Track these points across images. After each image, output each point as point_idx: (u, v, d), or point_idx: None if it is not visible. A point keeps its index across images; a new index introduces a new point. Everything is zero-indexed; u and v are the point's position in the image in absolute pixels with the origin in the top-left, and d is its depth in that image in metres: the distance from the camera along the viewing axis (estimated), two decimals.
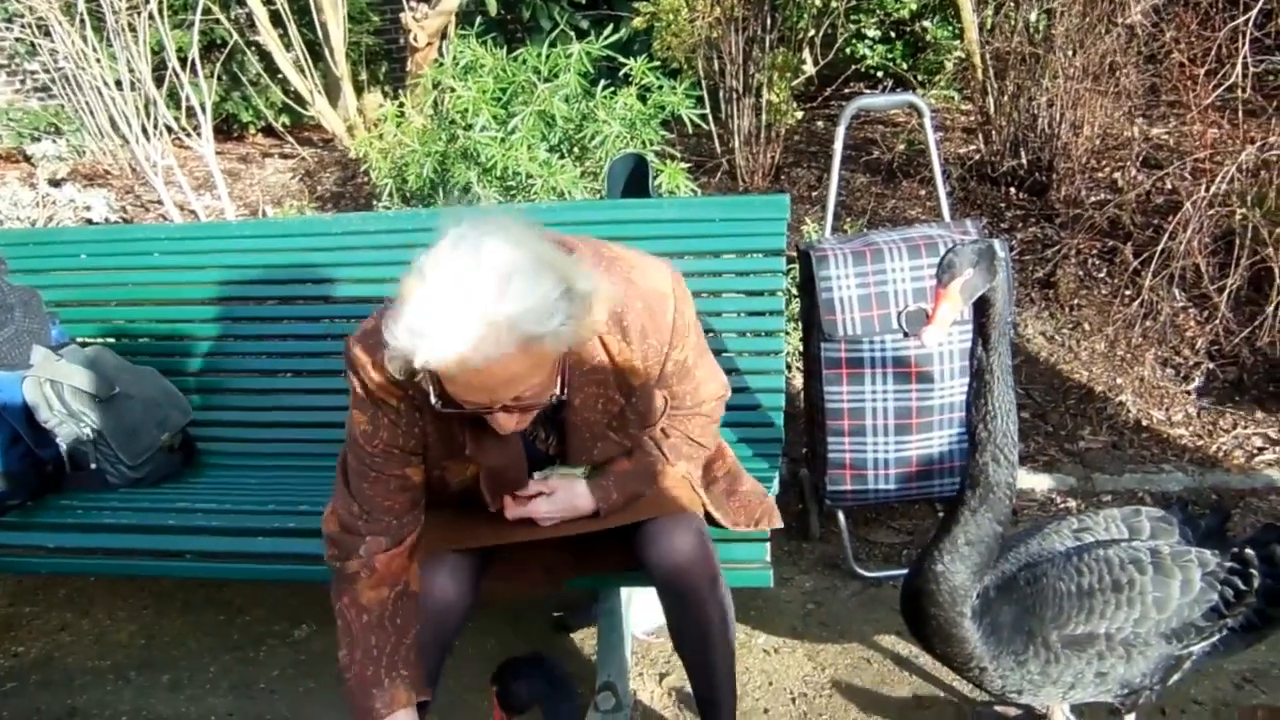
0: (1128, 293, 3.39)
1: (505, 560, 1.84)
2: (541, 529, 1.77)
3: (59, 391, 2.38)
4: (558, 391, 1.58)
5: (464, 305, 1.35)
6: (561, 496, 1.76)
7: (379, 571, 1.65)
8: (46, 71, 5.77)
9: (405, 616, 1.66)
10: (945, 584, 1.73)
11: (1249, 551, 1.75)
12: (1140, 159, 3.77)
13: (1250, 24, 2.94)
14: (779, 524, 1.95)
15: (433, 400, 1.52)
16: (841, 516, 2.59)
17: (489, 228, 1.41)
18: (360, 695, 1.61)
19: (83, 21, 4.61)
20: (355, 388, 1.62)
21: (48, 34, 4.92)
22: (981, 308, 1.64)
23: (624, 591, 2.18)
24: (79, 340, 2.67)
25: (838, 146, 2.67)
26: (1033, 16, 3.89)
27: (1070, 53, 3.67)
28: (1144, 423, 3.09)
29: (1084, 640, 1.72)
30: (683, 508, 1.79)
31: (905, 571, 1.87)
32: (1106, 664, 1.72)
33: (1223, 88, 3.04)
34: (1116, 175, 3.92)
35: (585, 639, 2.45)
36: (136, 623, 2.65)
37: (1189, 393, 3.17)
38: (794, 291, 2.92)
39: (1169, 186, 3.65)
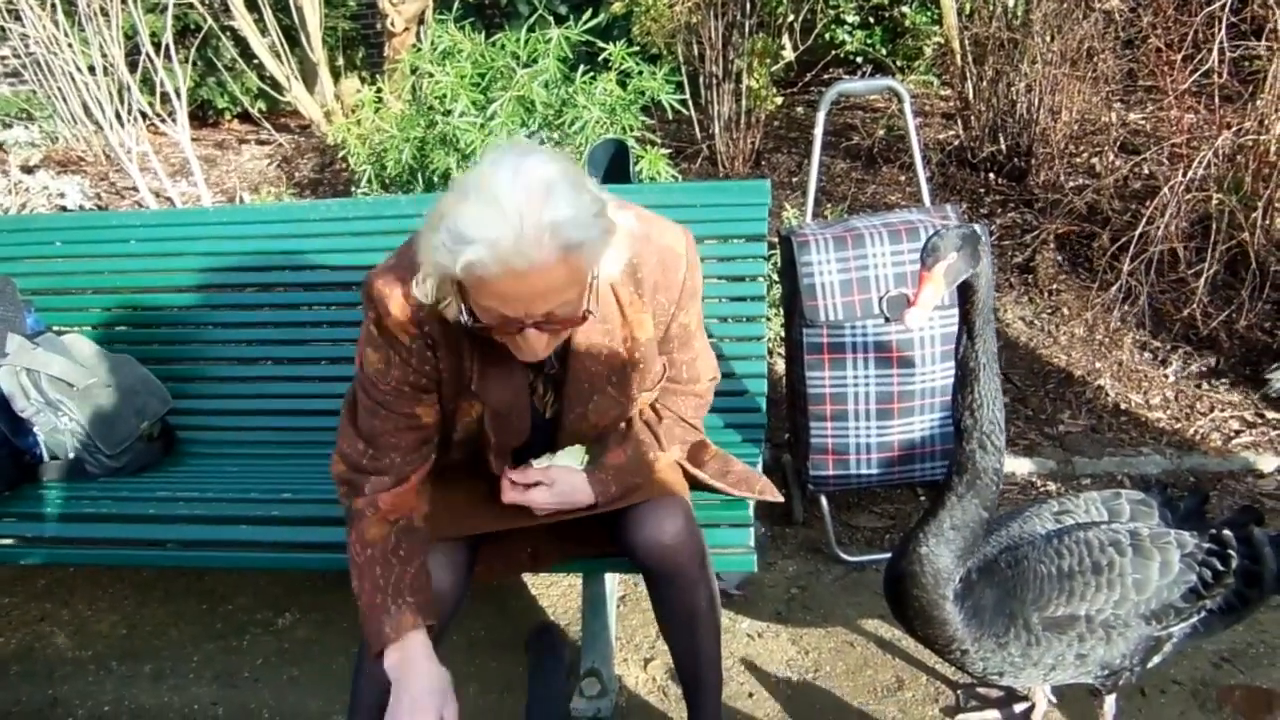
0: (1106, 277, 3.41)
1: (492, 544, 1.84)
2: (534, 517, 1.77)
3: (36, 380, 2.36)
4: (588, 306, 1.55)
5: (510, 211, 1.39)
6: (561, 488, 1.76)
7: (382, 510, 1.67)
8: (18, 57, 5.68)
9: (409, 548, 1.67)
10: (929, 566, 1.74)
11: (1226, 533, 1.77)
12: (1118, 144, 3.80)
13: (1226, 9, 2.96)
14: (779, 497, 1.99)
15: (462, 318, 1.53)
16: (824, 501, 2.61)
17: (526, 150, 1.47)
18: (371, 622, 1.64)
19: (54, 6, 4.54)
20: (370, 325, 1.63)
21: (18, 18, 4.84)
22: (965, 294, 1.64)
23: (608, 578, 2.18)
24: (55, 328, 2.64)
25: (818, 132, 2.67)
26: (1010, 2, 3.90)
27: (1048, 38, 3.68)
28: (1123, 406, 3.12)
29: (1064, 622, 1.73)
30: (669, 491, 1.80)
31: (888, 555, 1.89)
32: (1087, 646, 1.74)
33: (1199, 73, 3.06)
34: (1094, 160, 3.94)
35: (570, 624, 2.45)
36: (118, 612, 2.64)
37: (1167, 376, 3.20)
38: (775, 277, 2.93)
39: (1146, 172, 3.68)
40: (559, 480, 1.76)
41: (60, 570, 2.79)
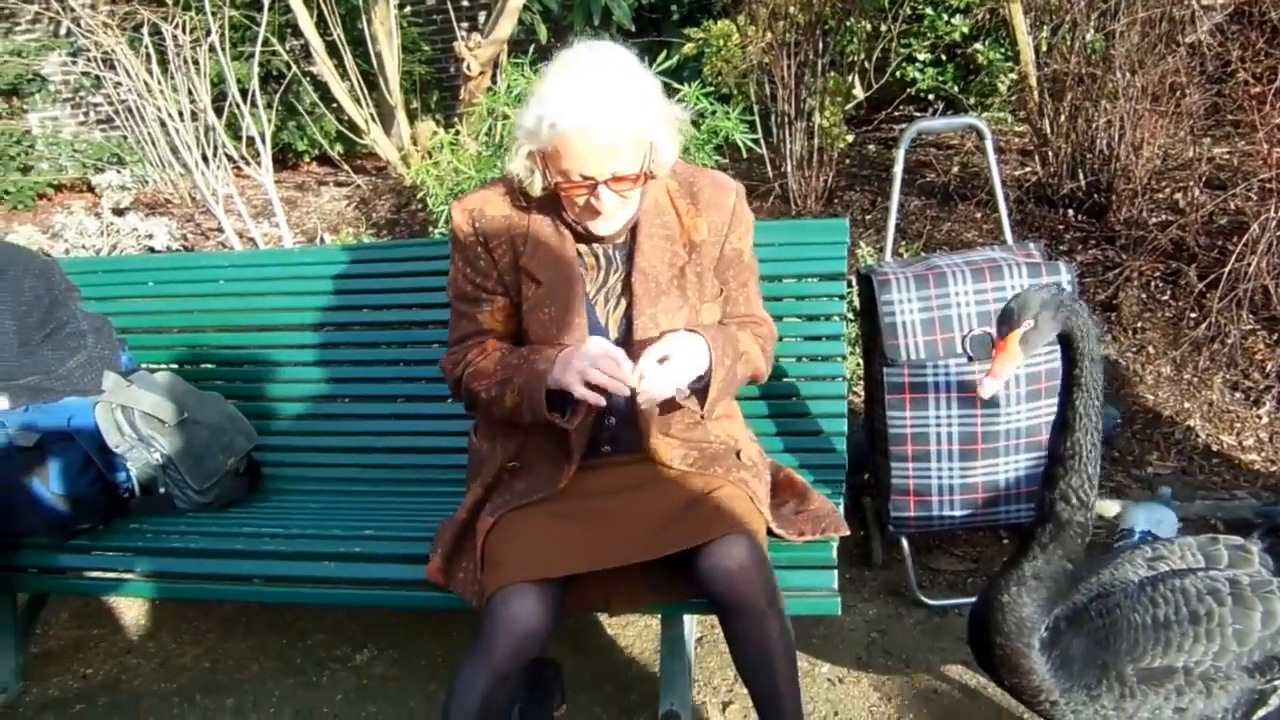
0: (1193, 315, 3.33)
1: (575, 588, 1.84)
2: (622, 553, 1.78)
3: (129, 417, 2.42)
4: (646, 168, 1.80)
5: (586, 78, 1.72)
6: (680, 344, 1.79)
7: (478, 357, 1.91)
8: (110, 104, 5.92)
9: (511, 348, 1.91)
10: (1011, 615, 1.70)
11: None
12: (1203, 180, 3.71)
13: None
14: (845, 531, 1.98)
15: (538, 188, 1.84)
16: (904, 543, 2.56)
17: (597, 40, 1.84)
18: (534, 394, 1.80)
19: (147, 55, 4.73)
20: (451, 242, 1.95)
21: (112, 67, 5.05)
22: (1067, 349, 1.62)
23: (686, 620, 2.16)
24: (146, 366, 2.72)
25: (898, 170, 2.65)
26: (1089, 37, 3.85)
27: (1130, 73, 3.62)
28: (1214, 448, 3.02)
29: (1161, 674, 1.67)
30: (739, 526, 1.79)
31: (970, 600, 1.85)
32: (1185, 699, 1.67)
33: None
34: (1178, 196, 3.85)
35: (647, 665, 2.43)
36: (201, 646, 2.68)
37: (1260, 417, 3.10)
38: (851, 316, 2.90)
39: (1234, 207, 3.59)
40: (671, 343, 1.78)
41: (146, 603, 2.84)
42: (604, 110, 1.70)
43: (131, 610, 2.84)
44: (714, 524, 1.78)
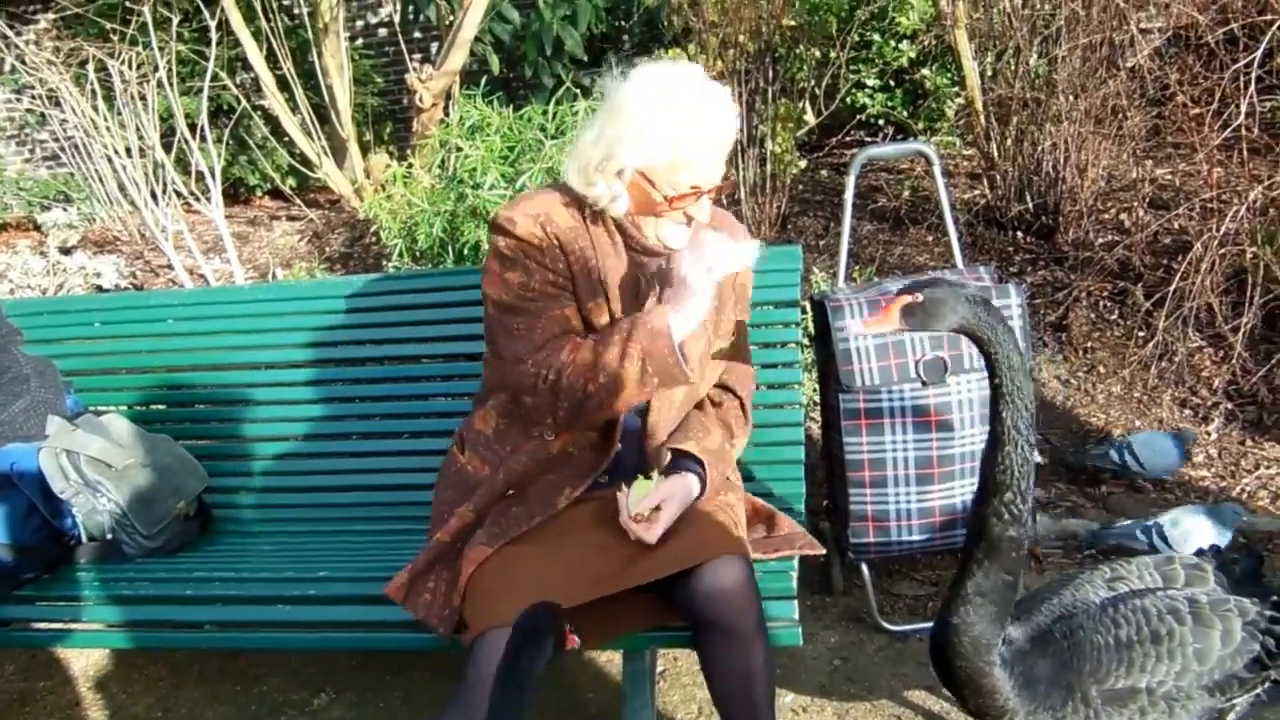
0: (1141, 334, 3.38)
1: None
2: (617, 581, 1.77)
3: (75, 462, 2.36)
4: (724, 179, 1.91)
5: (703, 90, 1.81)
6: (677, 495, 1.83)
7: (570, 351, 1.82)
8: (56, 140, 5.83)
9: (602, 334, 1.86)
10: (965, 635, 1.70)
11: None
12: (1147, 200, 3.78)
13: (1254, 65, 2.96)
14: (820, 550, 2.03)
15: (622, 209, 1.86)
16: (865, 569, 2.56)
17: (658, 64, 1.89)
18: (658, 341, 1.77)
19: (93, 92, 4.67)
20: (500, 251, 1.87)
21: (58, 104, 4.98)
22: (983, 355, 1.62)
23: (648, 653, 2.14)
24: (93, 409, 2.65)
25: (848, 196, 2.67)
26: (1033, 62, 3.93)
27: (1073, 97, 3.69)
28: None
29: (1125, 695, 1.68)
30: (733, 547, 1.80)
31: (931, 625, 1.84)
32: (1149, 719, 1.68)
33: (1230, 129, 3.05)
34: (1124, 217, 3.92)
35: (610, 699, 2.41)
36: (153, 695, 2.61)
37: (1209, 433, 3.14)
38: (805, 342, 2.91)
39: (1177, 227, 3.66)
40: (667, 490, 1.82)
41: (95, 653, 2.77)
42: (728, 123, 1.82)
43: (80, 661, 2.76)
44: (709, 545, 1.78)
